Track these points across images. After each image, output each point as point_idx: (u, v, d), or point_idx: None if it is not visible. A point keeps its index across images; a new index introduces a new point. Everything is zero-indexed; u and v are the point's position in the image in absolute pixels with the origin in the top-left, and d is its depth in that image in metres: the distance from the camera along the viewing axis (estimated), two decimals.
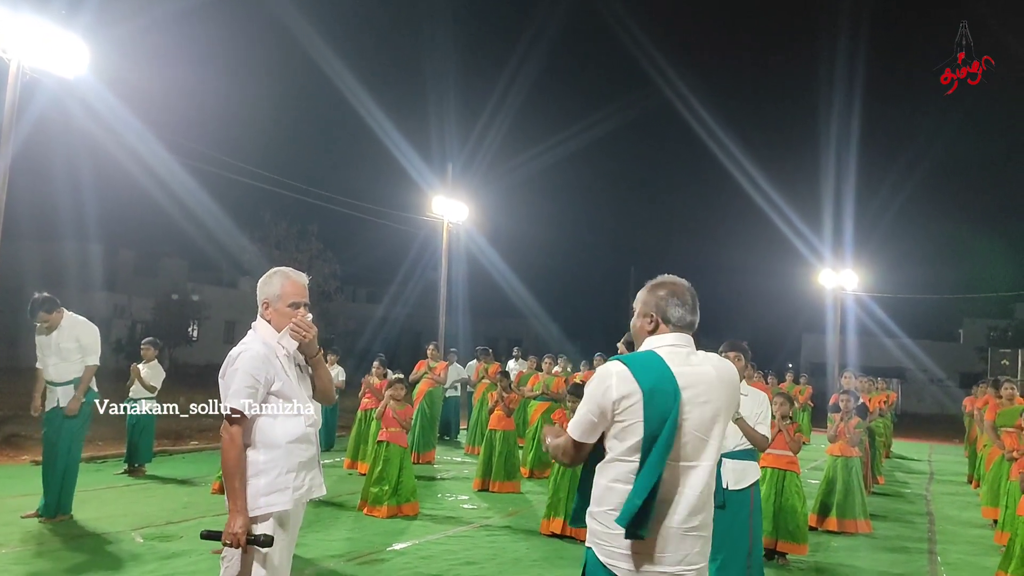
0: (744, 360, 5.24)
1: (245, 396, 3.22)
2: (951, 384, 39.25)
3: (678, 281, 2.82)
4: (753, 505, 5.17)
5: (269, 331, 3.42)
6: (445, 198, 20.71)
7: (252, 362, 3.27)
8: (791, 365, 24.80)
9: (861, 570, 7.07)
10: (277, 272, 3.51)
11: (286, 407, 3.35)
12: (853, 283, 30.31)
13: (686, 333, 2.75)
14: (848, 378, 11.52)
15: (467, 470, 11.39)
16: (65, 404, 6.96)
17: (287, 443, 3.30)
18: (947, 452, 18.62)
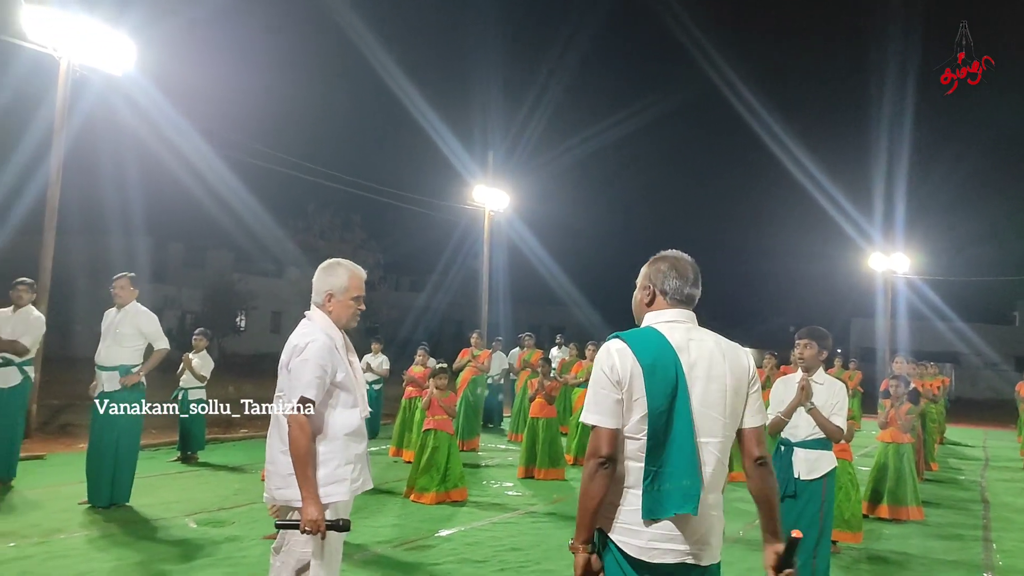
0: (818, 348, 5.16)
1: (316, 387, 3.25)
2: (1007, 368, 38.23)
3: (680, 255, 2.80)
4: (826, 495, 5.08)
5: (327, 322, 3.42)
6: (486, 187, 20.73)
7: (321, 352, 3.30)
8: (840, 350, 24.39)
9: (913, 557, 6.94)
10: (341, 264, 3.51)
11: (346, 399, 3.37)
12: (904, 266, 29.66)
13: (685, 308, 2.71)
14: (900, 363, 11.28)
15: (511, 457, 11.42)
16: (110, 389, 7.08)
17: (344, 435, 3.32)
18: (1002, 438, 18.18)
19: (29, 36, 11.15)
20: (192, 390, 9.94)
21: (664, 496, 2.51)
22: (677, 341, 2.61)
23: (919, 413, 10.57)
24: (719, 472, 2.58)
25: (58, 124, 11.58)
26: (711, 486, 2.56)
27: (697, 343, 2.64)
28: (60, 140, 11.57)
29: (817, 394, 5.13)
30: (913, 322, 33.50)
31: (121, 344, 7.13)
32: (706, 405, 2.56)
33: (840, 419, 5.12)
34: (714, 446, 2.57)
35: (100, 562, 5.57)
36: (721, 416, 2.59)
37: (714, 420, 2.57)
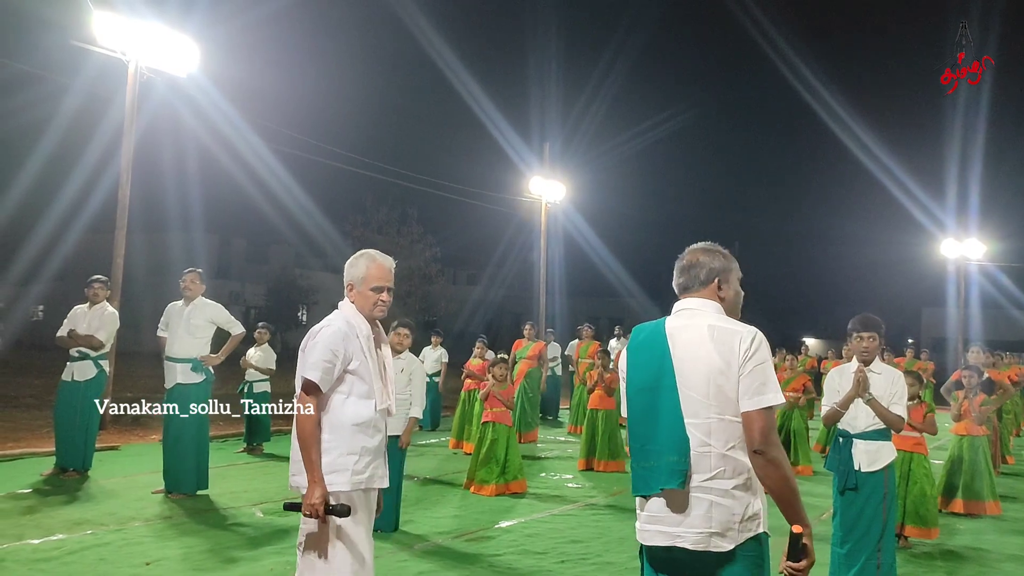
0: (878, 339, 5.03)
1: (321, 370, 3.26)
2: None
3: (692, 247, 2.87)
4: (888, 487, 4.96)
5: (352, 311, 3.44)
6: (543, 178, 20.68)
7: (332, 337, 3.31)
8: (911, 340, 23.69)
9: (989, 553, 6.70)
10: (364, 255, 3.50)
11: (360, 388, 3.35)
12: (978, 252, 28.66)
13: (690, 296, 2.79)
14: (976, 353, 10.88)
15: (570, 449, 11.40)
16: (185, 381, 7.33)
17: (352, 424, 3.31)
18: None
19: (99, 41, 11.51)
20: (257, 383, 10.16)
21: (651, 472, 2.58)
22: (672, 327, 2.71)
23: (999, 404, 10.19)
24: (707, 455, 2.54)
25: (127, 126, 11.93)
26: (697, 467, 2.54)
27: (691, 328, 2.67)
28: (129, 141, 11.93)
29: (875, 384, 4.99)
30: (987, 311, 32.34)
31: (194, 335, 7.43)
32: (688, 386, 2.59)
33: (900, 408, 4.98)
34: (697, 427, 2.56)
35: (172, 549, 5.75)
36: (704, 398, 2.57)
37: (697, 402, 2.57)
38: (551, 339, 15.45)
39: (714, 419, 2.56)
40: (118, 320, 8.27)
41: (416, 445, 10.78)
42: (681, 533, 2.55)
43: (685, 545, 2.54)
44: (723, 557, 2.52)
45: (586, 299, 42.25)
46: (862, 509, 4.85)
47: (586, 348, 14.35)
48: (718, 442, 2.55)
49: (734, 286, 2.81)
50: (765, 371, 2.58)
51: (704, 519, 2.52)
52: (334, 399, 3.32)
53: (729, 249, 2.90)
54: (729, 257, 2.84)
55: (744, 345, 2.58)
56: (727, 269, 2.80)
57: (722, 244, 2.88)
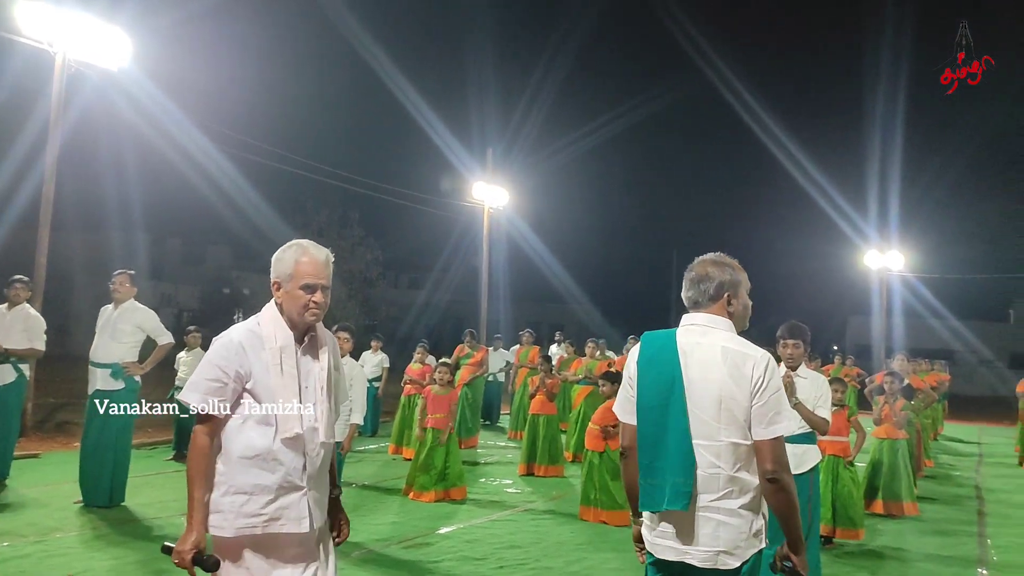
0: (804, 346, 5.18)
1: (202, 390, 2.73)
2: (1001, 365, 38.36)
3: (700, 258, 2.87)
4: (812, 490, 5.11)
5: (272, 316, 2.87)
6: (485, 184, 20.72)
7: (220, 351, 2.78)
8: (836, 347, 24.43)
9: (909, 553, 6.97)
10: (292, 246, 2.91)
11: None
12: (899, 264, 29.70)
13: (700, 311, 2.79)
14: (900, 360, 11.29)
15: (511, 455, 11.44)
16: (105, 387, 7.06)
17: (240, 457, 2.73)
18: (997, 434, 18.21)
19: (24, 31, 11.11)
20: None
21: (657, 490, 2.62)
22: (684, 343, 2.70)
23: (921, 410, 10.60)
24: (716, 476, 2.61)
25: (53, 119, 11.54)
26: (706, 487, 2.60)
27: (703, 347, 2.68)
28: (55, 136, 11.54)
29: (801, 388, 5.15)
30: (908, 319, 33.53)
31: (118, 340, 7.12)
32: (699, 408, 2.63)
33: (825, 411, 5.16)
34: (706, 449, 2.62)
35: (97, 561, 5.58)
36: (714, 421, 2.62)
37: (706, 424, 2.62)
38: (499, 345, 15.48)
39: (724, 442, 2.61)
40: (43, 322, 7.97)
41: (355, 451, 10.68)
42: (690, 551, 2.61)
43: (693, 563, 2.61)
44: (729, 573, 2.60)
45: (529, 304, 42.41)
46: None
47: (526, 354, 14.42)
48: (727, 464, 2.61)
49: (743, 299, 2.84)
50: (779, 400, 2.65)
51: (712, 538, 2.59)
52: (230, 425, 2.77)
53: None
54: (738, 268, 2.85)
55: (758, 372, 2.63)
56: (736, 282, 2.81)
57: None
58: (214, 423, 2.76)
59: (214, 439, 2.76)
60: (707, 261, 2.84)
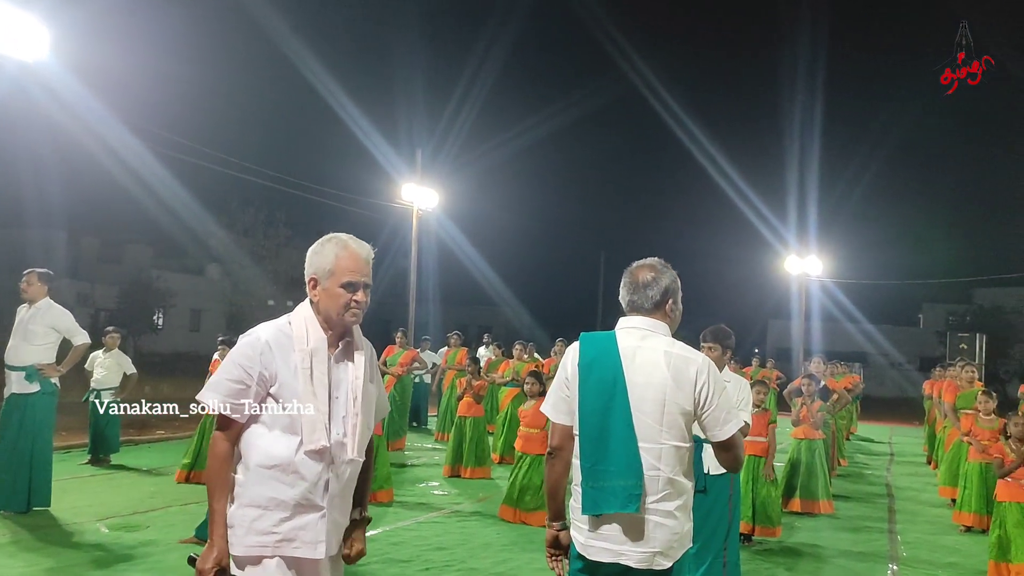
0: (722, 349, 5.29)
1: (223, 392, 2.52)
2: (911, 368, 40.04)
3: (636, 265, 2.93)
4: (733, 490, 5.25)
5: (307, 315, 2.64)
6: (415, 185, 20.62)
7: (246, 350, 2.56)
8: (757, 351, 25.13)
9: (824, 549, 7.22)
10: (332, 239, 2.68)
11: (282, 420, 2.53)
12: (817, 269, 30.71)
13: (642, 315, 2.83)
14: (816, 363, 11.70)
15: (437, 457, 11.41)
16: (20, 391, 6.80)
17: (258, 467, 2.51)
18: (907, 434, 19.01)
19: None
20: (105, 391, 9.61)
21: (606, 493, 2.64)
22: (626, 346, 2.73)
23: (836, 411, 11.00)
24: (656, 479, 2.67)
25: None
26: (649, 490, 2.65)
27: (645, 350, 2.73)
28: None
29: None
30: (826, 323, 34.70)
31: (31, 342, 6.85)
32: (642, 411, 2.67)
33: (746, 414, 5.29)
34: (649, 452, 2.67)
35: (10, 568, 5.36)
36: (656, 424, 2.67)
37: (648, 427, 2.67)
38: (426, 346, 15.44)
39: (665, 445, 2.67)
40: None
41: None
42: (626, 552, 2.65)
43: (629, 563, 2.64)
44: (662, 573, 2.66)
45: (458, 306, 42.36)
46: (710, 510, 5.11)
47: (454, 356, 14.40)
48: (667, 467, 2.67)
49: (679, 305, 2.92)
50: (727, 398, 2.76)
51: (650, 539, 2.65)
52: (253, 431, 2.55)
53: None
54: (675, 274, 2.92)
55: (702, 378, 2.70)
56: (677, 288, 2.90)
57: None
58: (234, 428, 2.54)
59: (234, 446, 2.55)
60: (650, 266, 2.89)
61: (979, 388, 9.19)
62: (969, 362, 10.76)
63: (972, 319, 38.61)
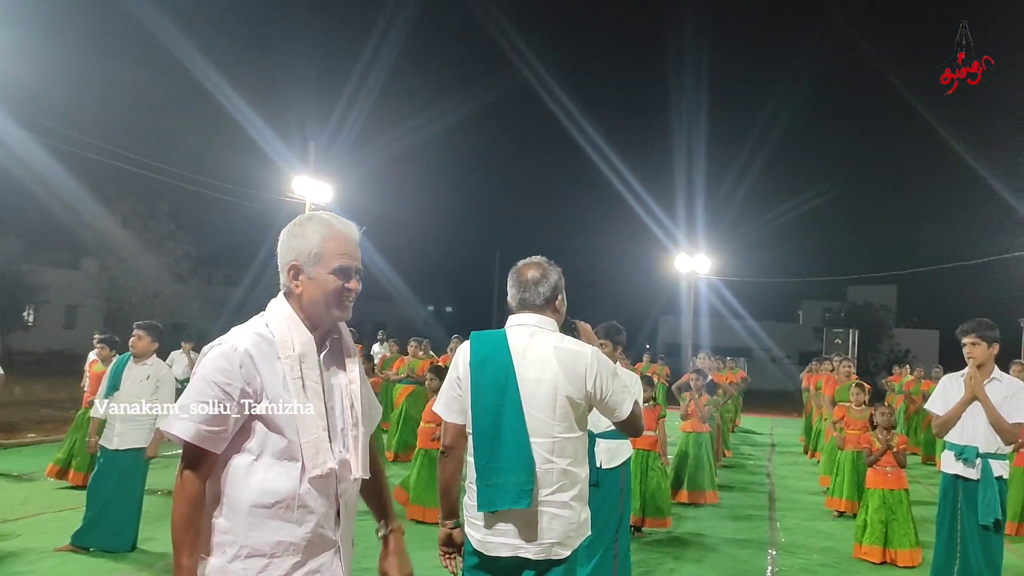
0: (612, 346, 5.39)
1: (195, 418, 2.03)
2: (791, 362, 42.05)
3: (523, 263, 2.96)
4: (624, 483, 5.35)
5: (285, 313, 2.21)
6: (308, 178, 20.15)
7: (223, 362, 2.07)
8: (648, 346, 25.83)
9: (709, 538, 7.48)
10: (311, 219, 2.27)
11: (276, 444, 2.08)
12: (706, 267, 31.79)
13: (531, 312, 2.88)
14: (703, 359, 12.10)
15: None
16: None
17: (252, 507, 2.05)
18: (787, 425, 19.91)
19: None
20: None
21: (499, 489, 2.67)
22: (516, 343, 2.77)
23: (722, 405, 11.42)
24: (551, 471, 2.71)
25: None
26: (541, 483, 2.69)
27: (535, 347, 2.77)
28: None
29: None
30: (712, 320, 36.02)
31: None
32: (533, 406, 2.72)
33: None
34: (542, 446, 2.71)
35: None
36: (549, 418, 2.72)
37: (541, 421, 2.72)
38: None
39: (558, 438, 2.71)
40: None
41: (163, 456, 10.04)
42: (524, 545, 2.68)
43: (528, 556, 2.67)
44: (560, 562, 2.69)
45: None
46: (601, 504, 5.19)
47: None
48: (561, 458, 2.71)
49: (565, 300, 2.96)
50: (619, 382, 2.82)
51: (547, 531, 2.68)
52: (237, 464, 2.08)
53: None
54: (560, 271, 2.96)
55: (592, 369, 2.75)
56: (563, 285, 2.94)
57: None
58: (207, 463, 2.06)
59: (206, 485, 2.07)
60: (536, 263, 2.93)
61: (854, 381, 9.72)
62: (846, 357, 11.38)
63: (846, 315, 40.88)
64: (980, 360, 4.98)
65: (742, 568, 6.52)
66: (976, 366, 4.98)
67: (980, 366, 4.98)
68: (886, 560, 6.66)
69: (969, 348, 5.01)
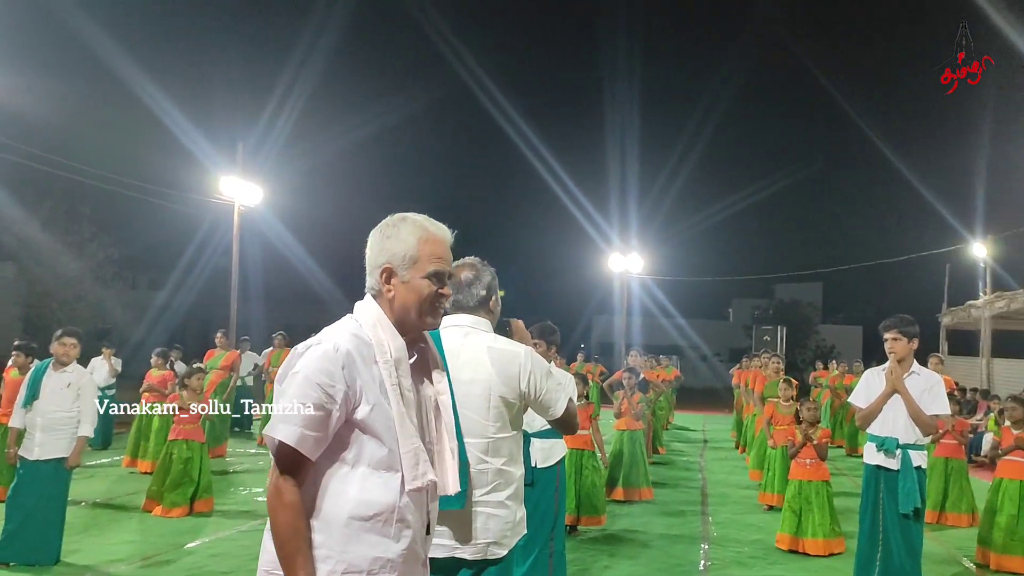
0: (547, 346, 5.41)
1: (298, 421, 1.91)
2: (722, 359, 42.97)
3: (457, 263, 2.94)
4: (559, 482, 5.38)
5: (377, 317, 2.09)
6: (236, 179, 19.73)
7: (325, 363, 1.96)
8: (583, 346, 26.08)
9: (644, 534, 7.59)
10: (405, 220, 2.16)
11: (375, 452, 1.98)
12: (638, 267, 32.23)
13: (466, 313, 2.89)
14: (635, 356, 12.27)
15: (262, 462, 11.00)
16: None
17: (351, 518, 1.94)
18: (719, 421, 20.30)
19: None
20: None
21: None
22: (450, 344, 2.75)
23: (654, 402, 11.60)
24: (486, 472, 2.72)
25: None
26: (476, 483, 2.70)
27: (469, 347, 2.78)
28: None
29: None
30: (645, 318, 36.58)
31: None
32: (467, 407, 2.72)
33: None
34: (476, 446, 2.72)
35: None
36: (483, 419, 2.73)
37: (475, 422, 2.73)
38: (246, 347, 14.81)
39: (493, 438, 2.71)
40: None
41: (85, 466, 9.75)
42: (460, 546, 2.67)
43: (464, 556, 2.66)
44: (496, 561, 2.70)
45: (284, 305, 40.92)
46: (537, 503, 5.22)
47: (277, 357, 13.93)
48: (495, 458, 2.72)
49: (499, 301, 2.97)
50: (553, 379, 2.83)
51: (483, 531, 2.67)
52: (330, 471, 1.97)
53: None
54: (493, 271, 2.97)
55: (526, 368, 2.76)
56: (496, 286, 2.94)
57: None
58: (305, 470, 1.94)
59: None
60: (470, 264, 2.94)
61: (782, 377, 9.98)
62: (775, 354, 11.68)
63: (775, 313, 41.97)
64: (901, 355, 5.18)
65: (675, 563, 6.63)
66: (897, 360, 5.18)
67: (900, 360, 5.18)
68: (795, 548, 6.90)
69: (890, 343, 5.21)
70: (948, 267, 25.90)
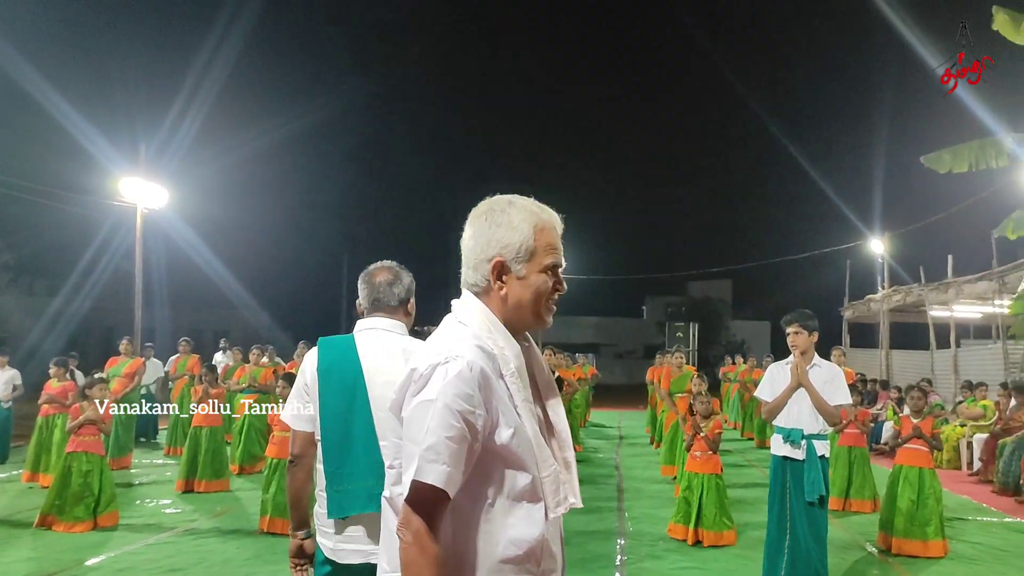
0: None
1: (446, 462, 1.63)
2: (636, 356, 43.84)
3: (376, 266, 2.96)
4: None
5: (488, 321, 1.79)
6: (140, 180, 18.99)
7: (462, 386, 1.66)
8: None
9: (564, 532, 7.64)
10: (513, 204, 1.83)
11: (518, 485, 1.71)
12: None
13: (382, 315, 2.87)
14: (549, 355, 12.39)
15: (169, 472, 10.62)
16: None
17: (500, 562, 1.68)
18: (634, 418, 20.68)
19: None
20: None
21: (349, 496, 2.64)
22: (365, 347, 2.74)
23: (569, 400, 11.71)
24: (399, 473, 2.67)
25: None
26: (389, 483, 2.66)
27: (384, 350, 2.75)
28: None
29: None
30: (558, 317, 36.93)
31: None
32: (383, 409, 2.68)
33: None
34: (388, 448, 2.66)
35: None
36: (396, 421, 2.68)
37: (388, 422, 2.67)
38: (150, 353, 14.29)
39: None
40: None
41: None
42: (376, 550, 2.57)
43: None
44: None
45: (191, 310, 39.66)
46: None
47: (183, 363, 13.50)
48: None
49: (414, 304, 2.95)
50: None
51: None
52: (469, 511, 1.70)
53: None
54: (411, 274, 2.96)
55: None
56: (414, 289, 2.93)
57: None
58: (443, 511, 1.65)
59: None
60: (388, 267, 2.93)
61: (691, 372, 10.22)
62: (679, 348, 11.94)
63: (687, 309, 43.03)
64: (803, 348, 5.38)
65: (592, 558, 6.71)
66: (800, 353, 5.38)
67: (803, 353, 5.39)
68: (686, 538, 7.11)
69: (792, 337, 5.40)
70: (849, 263, 27.05)
